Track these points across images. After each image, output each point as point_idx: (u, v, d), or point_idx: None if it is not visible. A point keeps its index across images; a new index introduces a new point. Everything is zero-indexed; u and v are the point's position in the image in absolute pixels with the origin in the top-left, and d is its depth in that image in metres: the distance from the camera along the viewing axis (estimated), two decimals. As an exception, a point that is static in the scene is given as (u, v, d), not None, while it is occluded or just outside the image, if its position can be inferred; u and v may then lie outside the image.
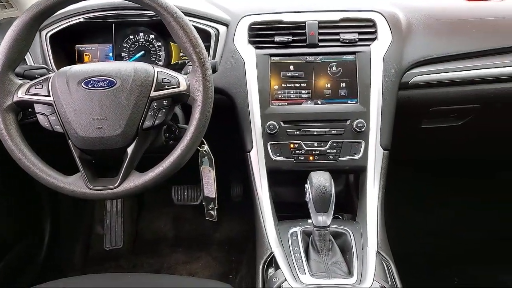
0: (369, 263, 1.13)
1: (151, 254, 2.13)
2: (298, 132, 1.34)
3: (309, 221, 1.16)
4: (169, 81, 1.08)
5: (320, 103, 1.36)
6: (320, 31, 1.36)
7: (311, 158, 1.34)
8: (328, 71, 1.36)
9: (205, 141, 1.29)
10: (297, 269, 1.11)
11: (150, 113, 1.06)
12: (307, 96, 1.36)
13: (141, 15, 1.41)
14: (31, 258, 1.95)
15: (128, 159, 1.07)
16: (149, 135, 1.13)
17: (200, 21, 1.40)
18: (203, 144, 1.30)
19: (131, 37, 1.50)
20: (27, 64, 1.34)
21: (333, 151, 1.34)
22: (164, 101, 1.07)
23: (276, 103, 1.36)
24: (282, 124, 1.34)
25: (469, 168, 2.19)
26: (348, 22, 1.39)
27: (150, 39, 1.50)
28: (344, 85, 1.36)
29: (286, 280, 1.08)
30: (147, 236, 2.23)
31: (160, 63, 1.51)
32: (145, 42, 1.50)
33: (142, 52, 1.50)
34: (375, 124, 1.33)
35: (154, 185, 1.08)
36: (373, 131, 1.33)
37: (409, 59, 1.38)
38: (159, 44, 1.51)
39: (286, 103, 1.36)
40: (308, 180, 1.14)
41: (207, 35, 1.39)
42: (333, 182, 1.13)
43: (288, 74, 1.36)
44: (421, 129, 1.59)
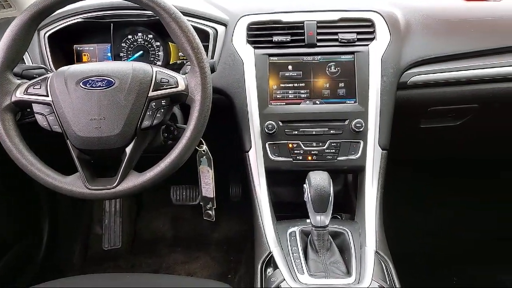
0: (368, 263, 1.13)
1: (150, 254, 2.13)
2: (296, 132, 1.34)
3: (308, 221, 1.16)
4: (167, 81, 1.08)
5: (318, 103, 1.36)
6: (318, 31, 1.36)
7: (309, 158, 1.34)
8: (327, 71, 1.36)
9: (203, 141, 1.29)
10: (295, 268, 1.11)
11: (148, 113, 1.06)
12: (305, 96, 1.37)
13: (139, 15, 1.41)
14: (30, 258, 1.95)
15: (126, 159, 1.07)
16: (148, 135, 1.13)
17: (199, 21, 1.40)
18: (202, 144, 1.30)
19: (130, 37, 1.50)
20: (25, 64, 1.34)
21: (331, 151, 1.34)
22: (163, 101, 1.07)
23: (275, 103, 1.36)
24: (280, 124, 1.34)
25: (469, 168, 2.19)
26: (347, 22, 1.39)
27: (148, 39, 1.50)
28: (342, 85, 1.36)
29: (285, 279, 1.08)
30: (145, 236, 2.22)
31: (159, 63, 1.51)
32: (143, 42, 1.50)
33: (141, 52, 1.50)
34: (374, 124, 1.33)
35: (153, 185, 1.07)
36: (371, 131, 1.33)
37: (407, 59, 1.38)
38: (158, 44, 1.50)
39: (285, 103, 1.36)
40: (306, 180, 1.14)
41: (205, 35, 1.39)
42: (331, 182, 1.13)
43: (286, 74, 1.36)
44: (420, 129, 1.59)
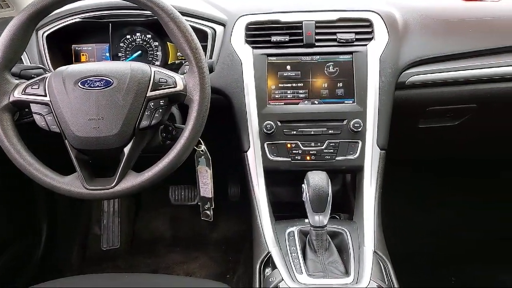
0: (366, 263, 1.13)
1: (148, 254, 2.13)
2: (295, 132, 1.34)
3: (306, 220, 1.16)
4: (165, 81, 1.08)
5: (317, 103, 1.36)
6: (317, 31, 1.36)
7: (308, 158, 1.34)
8: (325, 71, 1.36)
9: (202, 141, 1.29)
10: (294, 268, 1.11)
11: (147, 113, 1.06)
12: (304, 96, 1.36)
13: (138, 15, 1.41)
14: (29, 258, 1.95)
15: (125, 159, 1.06)
16: (146, 135, 1.13)
17: (197, 21, 1.40)
18: (200, 144, 1.30)
19: (128, 37, 1.49)
20: (23, 64, 1.34)
21: (330, 151, 1.34)
22: (161, 101, 1.07)
23: (273, 103, 1.36)
24: (279, 124, 1.34)
25: (468, 167, 2.19)
26: (345, 22, 1.39)
27: (147, 39, 1.50)
28: (341, 85, 1.36)
29: (283, 279, 1.08)
30: (144, 236, 2.22)
31: (157, 63, 1.51)
32: (142, 42, 1.50)
33: (139, 52, 1.50)
34: (372, 124, 1.33)
35: (151, 185, 1.07)
36: (369, 131, 1.33)
37: (405, 59, 1.38)
38: (156, 44, 1.50)
39: (283, 103, 1.36)
40: (305, 180, 1.14)
41: (204, 35, 1.39)
42: (330, 182, 1.13)
43: (285, 74, 1.36)
44: (418, 129, 1.59)
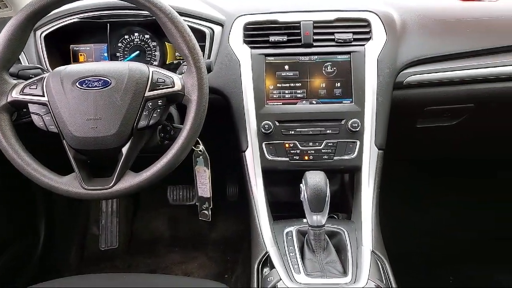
0: (364, 263, 1.13)
1: (147, 254, 2.13)
2: (293, 132, 1.34)
3: (304, 220, 1.16)
4: (164, 81, 1.08)
5: (315, 102, 1.36)
6: (315, 31, 1.37)
7: (306, 158, 1.34)
8: (323, 71, 1.36)
9: (200, 141, 1.29)
10: (292, 268, 1.11)
11: (145, 113, 1.06)
12: (302, 96, 1.37)
13: (136, 15, 1.41)
14: (27, 258, 1.94)
15: (123, 159, 1.06)
16: (144, 135, 1.13)
17: (195, 21, 1.40)
18: (198, 144, 1.30)
19: (126, 37, 1.49)
20: (21, 64, 1.34)
21: (328, 150, 1.34)
22: (159, 101, 1.07)
23: (271, 103, 1.36)
24: (277, 123, 1.34)
25: (465, 167, 2.20)
26: (343, 22, 1.39)
27: (145, 39, 1.50)
28: (339, 85, 1.36)
29: (281, 279, 1.08)
30: (142, 236, 2.22)
31: (155, 63, 1.50)
32: (140, 42, 1.50)
33: (137, 52, 1.50)
34: (370, 123, 1.33)
35: (149, 185, 1.07)
36: (367, 131, 1.33)
37: (403, 59, 1.38)
38: (154, 44, 1.50)
39: (281, 103, 1.36)
40: (303, 179, 1.14)
41: (202, 35, 1.39)
42: (328, 181, 1.13)
43: (283, 74, 1.36)
44: (416, 129, 1.59)
